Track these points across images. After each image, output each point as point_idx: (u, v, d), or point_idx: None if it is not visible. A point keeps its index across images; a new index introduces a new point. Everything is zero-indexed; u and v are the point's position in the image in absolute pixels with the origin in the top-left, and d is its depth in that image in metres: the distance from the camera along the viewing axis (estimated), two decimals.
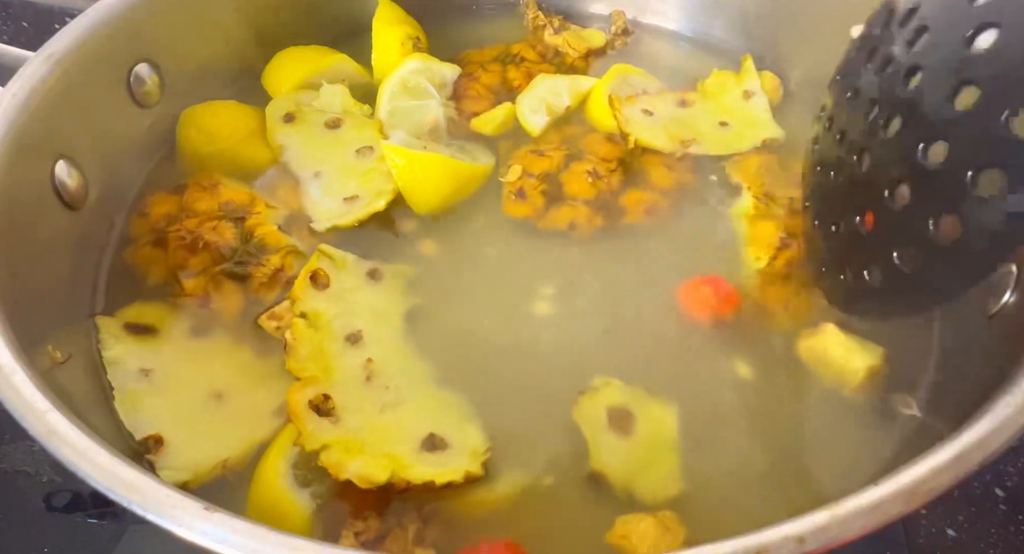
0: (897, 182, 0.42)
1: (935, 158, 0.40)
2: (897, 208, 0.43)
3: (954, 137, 0.39)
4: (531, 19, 0.71)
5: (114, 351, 0.48)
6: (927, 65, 0.42)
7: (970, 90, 0.38)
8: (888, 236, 0.44)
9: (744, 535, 0.30)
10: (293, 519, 0.42)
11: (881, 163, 0.45)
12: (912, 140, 0.41)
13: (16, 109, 0.47)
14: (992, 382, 0.38)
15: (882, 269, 0.44)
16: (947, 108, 0.39)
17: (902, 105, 0.43)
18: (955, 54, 0.40)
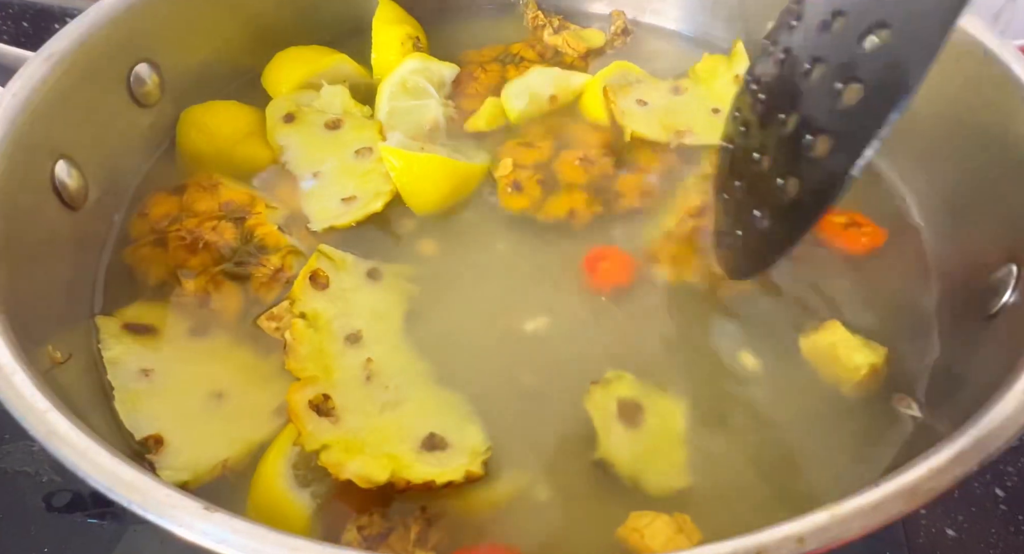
0: (762, 150, 0.47)
1: (790, 126, 0.45)
2: (760, 171, 0.47)
3: (804, 107, 0.44)
4: (530, 19, 0.71)
5: (114, 351, 0.48)
6: (795, 46, 0.47)
7: (820, 68, 0.43)
8: (753, 197, 0.48)
9: (744, 535, 0.30)
10: (293, 519, 0.42)
11: (755, 136, 0.49)
12: (774, 113, 0.46)
13: (16, 109, 0.47)
14: (992, 382, 0.38)
15: (744, 227, 0.48)
16: (802, 84, 0.45)
17: (780, 87, 0.47)
18: (811, 39, 0.45)
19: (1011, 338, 0.43)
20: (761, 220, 0.46)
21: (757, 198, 0.47)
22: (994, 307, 0.47)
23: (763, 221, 0.46)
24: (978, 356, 0.47)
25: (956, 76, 0.52)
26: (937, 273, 0.54)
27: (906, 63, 0.38)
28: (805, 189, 0.43)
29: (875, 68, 0.40)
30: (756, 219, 0.46)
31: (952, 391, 0.47)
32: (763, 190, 0.46)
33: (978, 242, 0.51)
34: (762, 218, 0.46)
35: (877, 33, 0.40)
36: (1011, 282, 0.46)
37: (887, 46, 0.40)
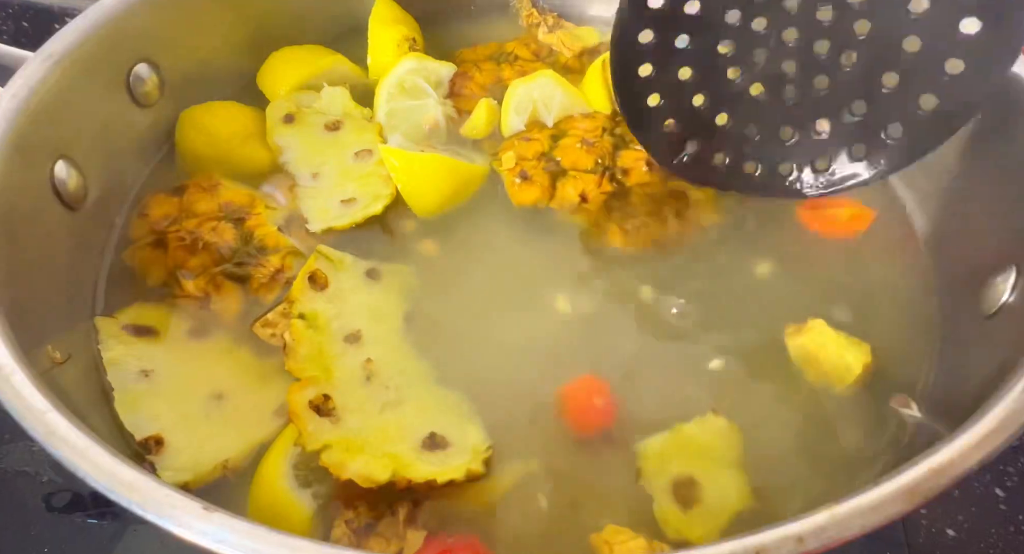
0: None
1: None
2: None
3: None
4: (525, 17, 0.71)
5: (114, 352, 0.48)
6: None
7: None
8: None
9: (744, 535, 0.30)
10: (294, 519, 0.42)
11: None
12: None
13: (16, 109, 0.47)
14: (992, 382, 0.38)
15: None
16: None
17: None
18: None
19: (1011, 338, 0.43)
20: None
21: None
22: (994, 307, 0.46)
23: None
24: (978, 356, 0.47)
25: None
26: (937, 273, 0.54)
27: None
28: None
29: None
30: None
31: (952, 391, 0.47)
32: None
33: (978, 242, 0.51)
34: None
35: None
36: (1011, 282, 0.46)
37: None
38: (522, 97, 0.62)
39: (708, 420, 0.46)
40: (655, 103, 0.51)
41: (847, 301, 0.52)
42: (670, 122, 0.52)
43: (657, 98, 0.51)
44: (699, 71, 0.50)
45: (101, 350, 0.48)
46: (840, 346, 0.48)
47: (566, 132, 0.60)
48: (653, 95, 0.51)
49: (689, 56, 0.49)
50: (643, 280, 0.53)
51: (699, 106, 0.51)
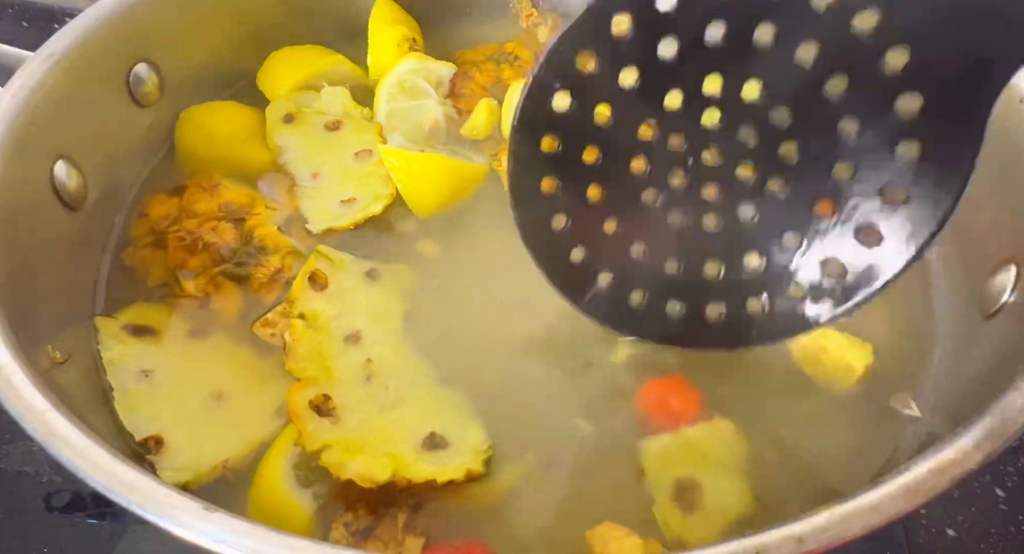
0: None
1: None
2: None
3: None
4: (525, 17, 0.71)
5: (114, 352, 0.48)
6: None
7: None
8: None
9: (744, 535, 0.30)
10: (295, 519, 0.42)
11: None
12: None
13: (16, 109, 0.47)
14: (992, 382, 0.38)
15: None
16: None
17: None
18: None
19: (1011, 338, 0.43)
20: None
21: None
22: (994, 307, 0.46)
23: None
24: (978, 356, 0.47)
25: None
26: (937, 273, 0.54)
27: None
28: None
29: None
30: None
31: (952, 391, 0.47)
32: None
33: (978, 242, 0.51)
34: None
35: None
36: (1011, 282, 0.46)
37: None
38: None
39: (715, 424, 0.46)
40: (559, 226, 0.44)
41: None
42: (578, 250, 0.44)
43: (562, 219, 0.44)
44: (609, 191, 0.43)
45: (101, 350, 0.48)
46: (841, 347, 0.48)
47: None
48: (558, 215, 0.44)
49: (598, 172, 0.43)
50: None
51: (611, 233, 0.44)
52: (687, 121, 0.41)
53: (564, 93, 0.40)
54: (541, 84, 0.40)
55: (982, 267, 0.49)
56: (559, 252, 0.44)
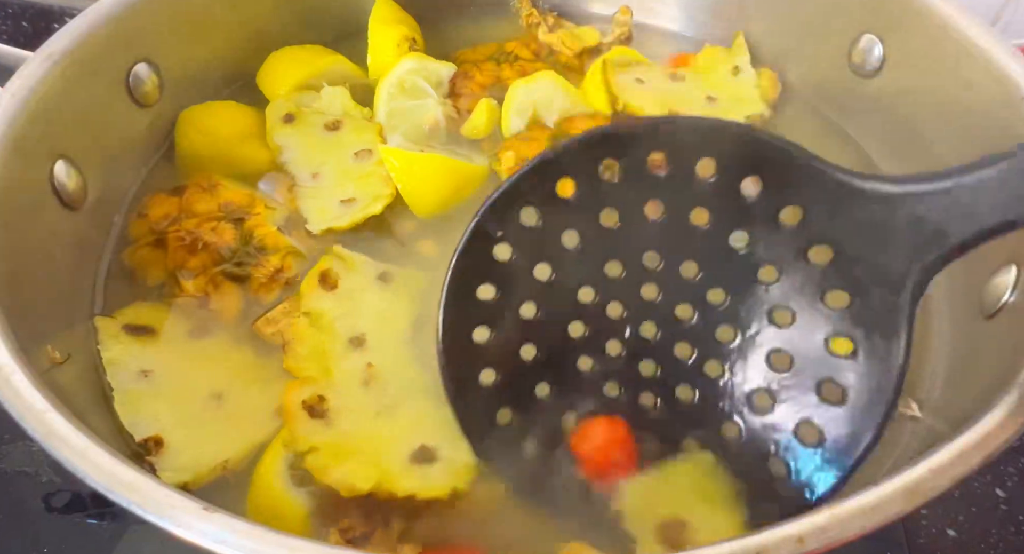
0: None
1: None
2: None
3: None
4: (525, 17, 0.71)
5: (113, 352, 0.48)
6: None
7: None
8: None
9: (744, 535, 0.30)
10: (291, 518, 0.42)
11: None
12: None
13: (15, 109, 0.47)
14: (992, 382, 0.38)
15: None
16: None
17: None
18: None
19: (1011, 338, 0.43)
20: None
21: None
22: (994, 307, 0.46)
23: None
24: (978, 356, 0.47)
25: (955, 76, 0.52)
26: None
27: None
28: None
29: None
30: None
31: (952, 391, 0.47)
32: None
33: None
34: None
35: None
36: (1011, 282, 0.46)
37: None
38: (523, 98, 0.62)
39: (696, 457, 0.42)
40: (488, 381, 0.42)
41: None
42: (505, 411, 0.42)
43: (492, 374, 0.42)
44: (544, 352, 0.42)
45: (100, 350, 0.48)
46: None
47: (566, 132, 0.60)
48: (487, 370, 0.42)
49: (534, 331, 0.42)
50: None
51: (542, 397, 0.43)
52: (627, 291, 0.41)
53: (505, 244, 0.41)
54: (484, 230, 0.40)
55: (982, 267, 0.49)
56: (485, 408, 0.42)
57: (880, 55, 0.59)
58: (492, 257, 0.41)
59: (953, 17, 0.53)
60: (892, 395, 0.37)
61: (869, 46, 0.59)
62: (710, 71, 0.66)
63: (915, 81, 0.57)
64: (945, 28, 0.53)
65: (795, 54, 0.65)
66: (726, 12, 0.69)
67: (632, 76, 0.63)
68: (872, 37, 0.59)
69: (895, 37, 0.57)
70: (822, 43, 0.63)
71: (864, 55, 0.60)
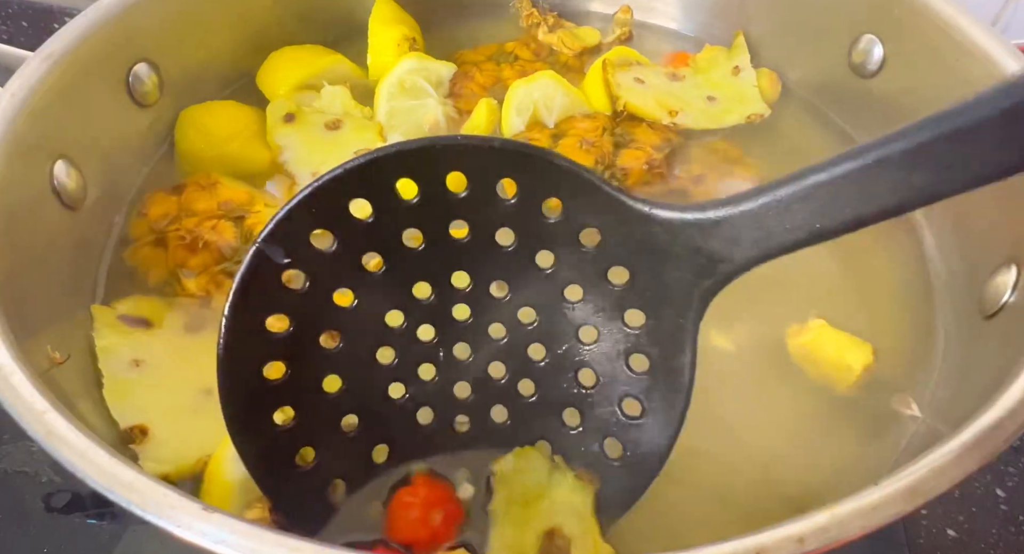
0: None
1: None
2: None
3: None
4: (525, 17, 0.71)
5: (107, 340, 0.48)
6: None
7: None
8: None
9: (744, 535, 0.30)
10: (217, 491, 0.42)
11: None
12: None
13: (15, 109, 0.47)
14: (992, 382, 0.38)
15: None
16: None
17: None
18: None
19: (1011, 338, 0.43)
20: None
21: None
22: (994, 307, 0.46)
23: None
24: (978, 356, 0.47)
25: (955, 76, 0.53)
26: (937, 273, 0.54)
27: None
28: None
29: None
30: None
31: (952, 391, 0.47)
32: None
33: (978, 242, 0.51)
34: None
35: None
36: (1011, 282, 0.46)
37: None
38: (523, 98, 0.62)
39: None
40: (285, 420, 0.39)
41: (847, 302, 0.52)
42: (307, 451, 0.39)
43: (289, 412, 0.39)
44: (351, 382, 0.40)
45: (95, 338, 0.48)
46: (841, 347, 0.48)
47: (566, 132, 0.60)
48: (285, 408, 0.39)
49: (339, 361, 0.39)
50: None
51: (349, 430, 0.40)
52: (438, 313, 0.40)
53: (296, 270, 0.37)
54: (267, 256, 0.36)
55: (982, 267, 0.49)
56: (283, 450, 0.39)
57: (880, 55, 0.59)
58: (281, 284, 0.37)
59: (953, 17, 0.53)
60: (682, 409, 0.39)
61: (869, 46, 0.59)
62: (710, 71, 0.66)
63: (915, 81, 0.57)
64: (945, 28, 0.53)
65: (795, 54, 0.65)
66: (726, 12, 0.69)
67: (632, 76, 0.64)
68: (872, 37, 0.59)
69: (895, 37, 0.58)
70: (822, 43, 0.63)
71: (864, 55, 0.60)
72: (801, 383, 0.49)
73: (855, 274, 0.54)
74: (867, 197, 0.32)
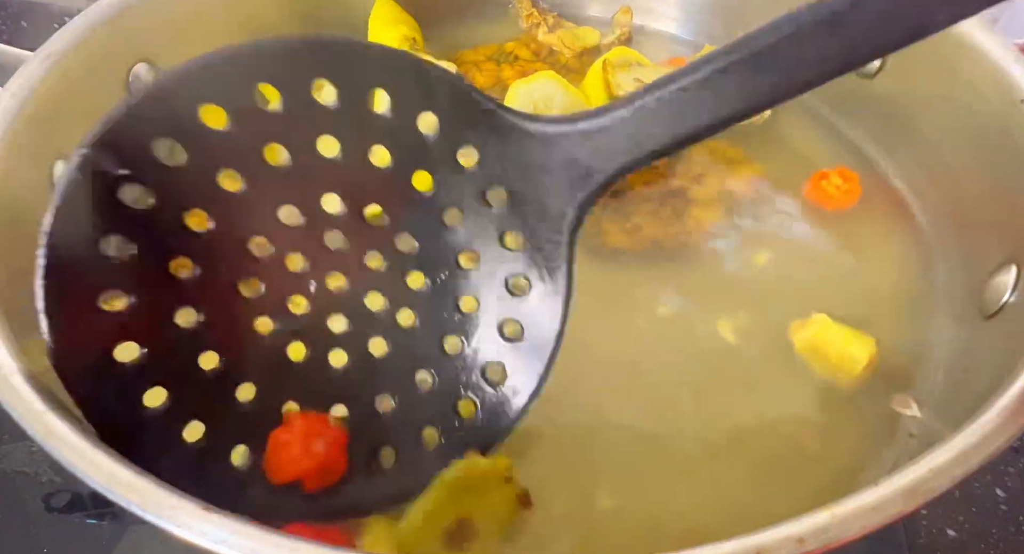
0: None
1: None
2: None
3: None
4: (525, 17, 0.71)
5: None
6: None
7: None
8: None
9: (744, 535, 0.30)
10: None
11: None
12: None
13: (16, 109, 0.47)
14: (992, 382, 0.38)
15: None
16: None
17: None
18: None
19: (1011, 338, 0.43)
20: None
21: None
22: (994, 307, 0.46)
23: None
24: (978, 356, 0.47)
25: (955, 75, 0.53)
26: (937, 273, 0.54)
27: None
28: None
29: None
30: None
31: (952, 391, 0.47)
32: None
33: (978, 242, 0.51)
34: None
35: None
36: (1011, 282, 0.46)
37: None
38: (522, 98, 0.62)
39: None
40: (130, 357, 0.35)
41: (846, 302, 0.52)
42: (158, 391, 0.36)
43: (135, 349, 0.35)
44: (209, 316, 0.36)
45: None
46: (845, 339, 0.48)
47: None
48: (127, 344, 0.35)
49: (195, 292, 0.35)
50: (643, 281, 0.53)
51: (209, 370, 0.37)
52: (307, 239, 0.37)
53: (136, 185, 0.33)
54: (99, 164, 0.32)
55: (982, 267, 0.49)
56: (127, 396, 0.35)
57: None
58: (117, 201, 0.33)
59: None
60: (559, 327, 0.39)
61: None
62: None
63: (915, 81, 0.57)
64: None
65: None
66: (726, 13, 0.69)
67: (632, 76, 0.63)
68: None
69: None
70: None
71: None
72: (802, 383, 0.49)
73: (854, 274, 0.54)
74: (717, 102, 0.34)
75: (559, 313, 0.39)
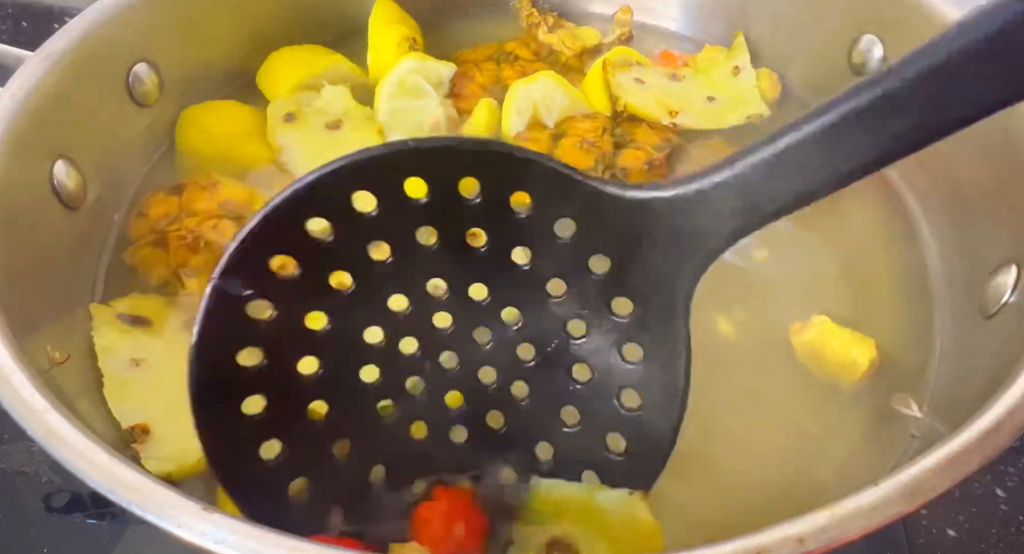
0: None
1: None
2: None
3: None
4: (525, 17, 0.71)
5: (106, 339, 0.48)
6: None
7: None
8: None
9: (744, 536, 0.30)
10: None
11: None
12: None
13: (15, 109, 0.47)
14: (992, 382, 0.38)
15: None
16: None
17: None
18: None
19: (1011, 338, 0.43)
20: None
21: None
22: (994, 307, 0.46)
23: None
24: (978, 356, 0.47)
25: None
26: (937, 273, 0.54)
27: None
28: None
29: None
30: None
31: (952, 391, 0.47)
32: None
33: (978, 242, 0.51)
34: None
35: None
36: (1011, 282, 0.46)
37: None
38: (523, 98, 0.62)
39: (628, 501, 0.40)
40: (272, 454, 0.37)
41: (847, 302, 0.52)
42: (300, 482, 0.38)
43: (276, 446, 0.37)
44: (337, 406, 0.38)
45: (94, 337, 0.48)
46: (846, 342, 0.48)
47: (566, 132, 0.60)
48: (270, 442, 0.37)
49: (321, 386, 0.37)
50: None
51: (341, 457, 0.39)
52: (418, 323, 0.38)
53: (260, 301, 0.35)
54: (225, 291, 0.35)
55: (982, 267, 0.49)
56: (273, 488, 0.37)
57: (880, 55, 0.59)
58: (246, 317, 0.35)
59: (953, 17, 0.53)
60: (682, 395, 0.38)
61: (869, 46, 0.59)
62: (710, 71, 0.66)
63: None
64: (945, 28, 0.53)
65: (795, 54, 0.65)
66: (726, 12, 0.69)
67: (632, 76, 0.64)
68: (872, 37, 0.59)
69: (895, 37, 0.58)
70: (822, 43, 0.63)
71: (864, 55, 0.60)
72: (802, 383, 0.49)
73: (855, 274, 0.54)
74: (846, 153, 0.31)
75: (680, 383, 0.37)
